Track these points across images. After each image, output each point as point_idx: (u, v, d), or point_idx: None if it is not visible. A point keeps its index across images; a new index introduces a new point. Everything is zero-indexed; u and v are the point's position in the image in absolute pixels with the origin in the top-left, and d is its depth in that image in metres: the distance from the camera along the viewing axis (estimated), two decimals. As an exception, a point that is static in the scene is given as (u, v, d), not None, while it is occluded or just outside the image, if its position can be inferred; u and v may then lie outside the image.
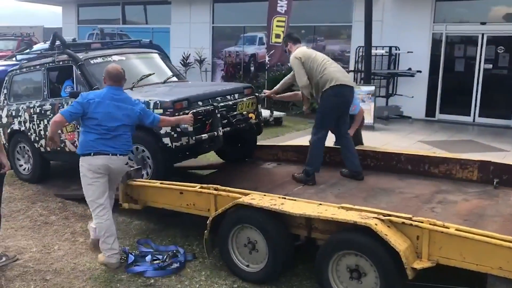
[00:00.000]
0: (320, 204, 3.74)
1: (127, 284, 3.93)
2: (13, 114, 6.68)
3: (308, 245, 3.99)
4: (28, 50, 12.93)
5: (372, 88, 10.76)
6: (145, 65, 6.55)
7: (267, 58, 12.58)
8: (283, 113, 11.86)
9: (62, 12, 20.82)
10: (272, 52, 12.36)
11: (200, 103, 5.22)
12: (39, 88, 6.47)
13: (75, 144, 5.58)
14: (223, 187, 4.30)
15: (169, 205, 4.67)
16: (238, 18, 16.26)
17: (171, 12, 17.37)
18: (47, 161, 6.74)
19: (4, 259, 4.26)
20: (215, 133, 5.15)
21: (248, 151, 6.41)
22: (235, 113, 5.52)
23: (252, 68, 16.08)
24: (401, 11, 12.58)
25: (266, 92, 6.44)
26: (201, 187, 4.38)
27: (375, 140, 8.87)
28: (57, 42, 6.32)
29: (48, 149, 6.30)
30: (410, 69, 12.12)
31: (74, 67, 6.00)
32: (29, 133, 6.50)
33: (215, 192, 4.24)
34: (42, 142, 6.36)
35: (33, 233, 4.96)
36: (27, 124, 6.49)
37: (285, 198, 3.96)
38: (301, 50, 5.25)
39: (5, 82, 6.97)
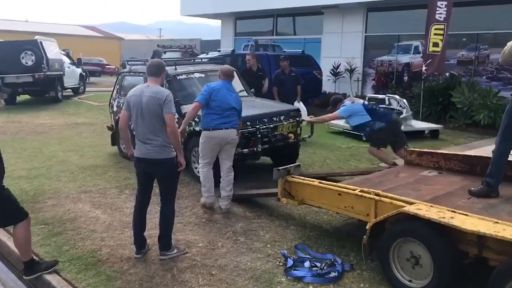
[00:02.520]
0: (497, 222, 3.46)
1: (286, 287, 4.02)
2: (121, 105, 7.46)
3: (478, 264, 3.70)
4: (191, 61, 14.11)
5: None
6: None
7: (423, 68, 12.06)
8: (440, 125, 11.23)
9: (221, 25, 22.25)
10: (429, 61, 11.84)
11: (248, 123, 6.59)
12: None
13: None
14: (385, 193, 4.22)
15: (326, 205, 4.75)
16: (392, 27, 15.87)
17: (323, 22, 17.57)
18: None
19: (175, 251, 4.65)
20: (255, 149, 6.66)
21: (290, 159, 7.26)
22: (275, 133, 6.95)
23: (406, 78, 15.55)
24: None
25: (306, 118, 7.46)
26: (362, 191, 4.35)
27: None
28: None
29: None
30: None
31: (165, 79, 7.05)
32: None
33: (376, 197, 4.18)
34: None
35: (199, 229, 5.33)
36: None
37: (454, 211, 3.73)
38: None
39: (117, 79, 8.93)
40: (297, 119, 7.28)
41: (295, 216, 5.64)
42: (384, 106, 11.19)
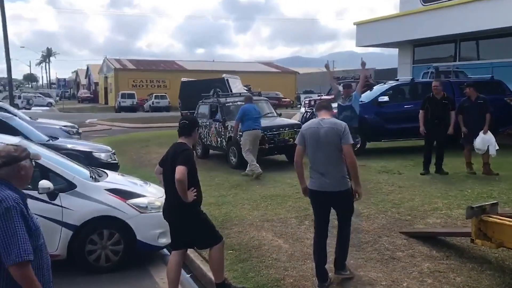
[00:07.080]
0: None
1: None
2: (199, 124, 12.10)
3: None
4: (368, 91, 13.95)
5: None
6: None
7: None
8: None
9: (398, 54, 21.69)
10: None
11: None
12: (207, 114, 13.25)
13: (216, 142, 12.54)
14: None
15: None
16: None
17: (515, 44, 15.99)
18: (207, 148, 13.49)
19: (348, 272, 4.76)
20: (263, 146, 10.89)
21: (290, 155, 10.91)
22: (279, 138, 11.36)
23: None
24: None
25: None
26: None
27: None
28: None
29: (208, 142, 13.08)
30: None
31: (218, 106, 12.63)
32: (201, 134, 12.94)
33: None
34: (205, 139, 13.13)
35: (381, 266, 5.10)
36: (202, 129, 12.81)
37: None
38: None
39: (197, 108, 14.12)
40: (296, 129, 11.21)
41: (491, 260, 5.07)
42: None
